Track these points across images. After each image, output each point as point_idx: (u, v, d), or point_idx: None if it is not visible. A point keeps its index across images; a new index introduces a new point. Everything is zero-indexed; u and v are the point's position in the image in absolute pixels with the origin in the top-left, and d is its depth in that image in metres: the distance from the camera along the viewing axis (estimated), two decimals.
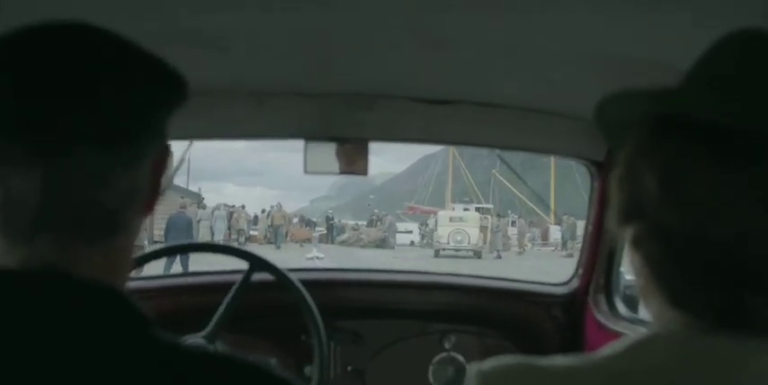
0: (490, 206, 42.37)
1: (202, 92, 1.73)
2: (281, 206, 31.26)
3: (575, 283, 2.35)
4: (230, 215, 26.50)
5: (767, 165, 0.66)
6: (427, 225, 36.23)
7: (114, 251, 0.72)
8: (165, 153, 0.76)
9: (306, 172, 1.98)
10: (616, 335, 1.95)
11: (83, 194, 0.68)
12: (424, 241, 34.60)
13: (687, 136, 0.69)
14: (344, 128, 1.98)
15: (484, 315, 2.34)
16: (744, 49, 0.69)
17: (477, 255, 27.84)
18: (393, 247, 30.97)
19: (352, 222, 41.24)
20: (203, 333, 1.86)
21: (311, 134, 1.98)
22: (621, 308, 2.17)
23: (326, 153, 1.98)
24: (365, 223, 39.91)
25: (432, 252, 28.74)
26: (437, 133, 2.07)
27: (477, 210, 36.96)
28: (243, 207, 30.09)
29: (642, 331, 0.75)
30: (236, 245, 11.99)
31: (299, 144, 2.01)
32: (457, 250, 28.11)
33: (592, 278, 2.25)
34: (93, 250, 0.69)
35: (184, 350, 0.72)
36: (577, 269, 2.36)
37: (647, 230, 0.71)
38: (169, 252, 2.32)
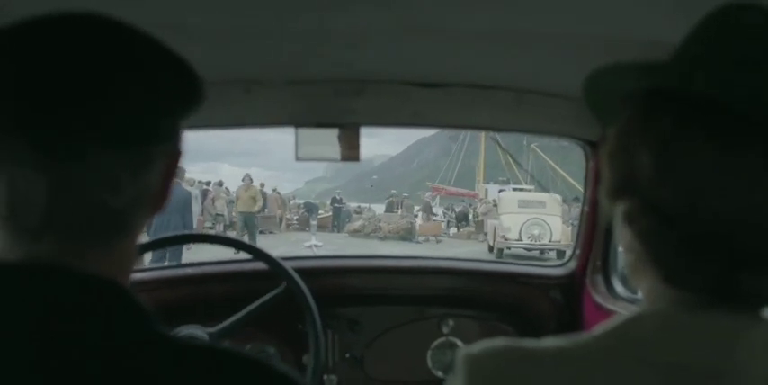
0: (531, 187, 33.22)
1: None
2: (270, 189, 24.11)
3: (572, 264, 2.34)
4: (204, 194, 19.98)
5: (762, 143, 0.65)
6: (453, 209, 30.10)
7: (118, 252, 0.71)
8: (177, 156, 0.74)
9: (297, 159, 1.96)
10: (614, 315, 1.95)
11: (92, 197, 0.67)
12: (460, 230, 27.29)
13: (681, 111, 0.68)
14: (335, 114, 1.96)
15: (481, 298, 2.34)
16: (735, 20, 0.68)
17: (562, 257, 16.50)
18: (420, 241, 23.35)
19: (353, 205, 35.44)
20: (211, 329, 1.86)
21: (301, 121, 1.96)
22: (619, 288, 2.17)
23: (318, 139, 1.96)
24: (368, 206, 33.73)
25: (481, 248, 20.95)
26: (429, 117, 2.05)
27: (515, 191, 28.76)
28: (220, 184, 22.91)
29: None
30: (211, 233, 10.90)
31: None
32: (530, 249, 18.89)
33: (589, 259, 2.25)
34: (97, 251, 0.69)
35: (184, 343, 0.72)
36: (574, 250, 2.35)
37: (641, 206, 0.70)
38: (174, 242, 2.31)
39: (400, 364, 2.30)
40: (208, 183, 22.30)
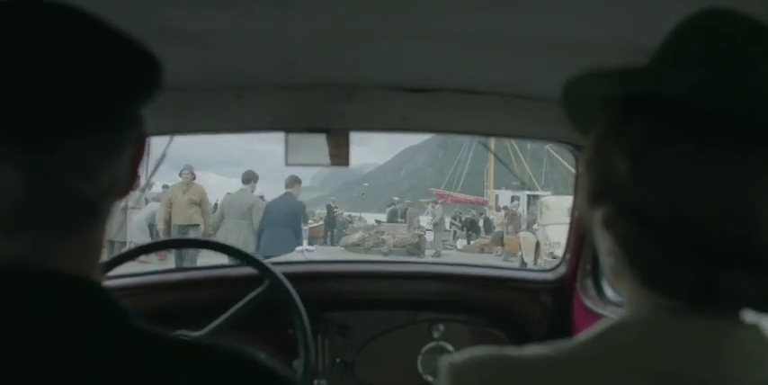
0: (547, 193, 30.55)
1: (180, 87, 1.71)
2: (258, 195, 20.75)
3: (562, 269, 2.35)
4: (171, 204, 16.17)
5: (739, 143, 0.66)
6: (461, 219, 27.46)
7: (87, 241, 0.71)
8: (143, 141, 0.74)
9: (287, 164, 1.96)
10: (604, 319, 1.95)
11: (64, 185, 0.66)
12: (470, 243, 24.33)
13: (656, 115, 0.69)
14: (324, 119, 1.96)
15: (472, 303, 2.34)
16: (710, 27, 0.68)
17: None
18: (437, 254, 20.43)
19: (345, 213, 32.71)
20: (197, 333, 1.85)
21: (291, 126, 1.96)
22: (609, 292, 2.17)
23: (307, 145, 1.96)
24: (358, 215, 32.02)
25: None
26: (418, 122, 2.05)
27: (531, 198, 27.72)
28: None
29: None
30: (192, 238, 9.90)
31: (283, 134, 1.99)
32: None
33: (579, 263, 2.25)
34: (66, 241, 0.68)
35: (167, 339, 0.71)
36: (564, 254, 2.36)
37: (619, 211, 0.70)
38: (162, 247, 2.31)
39: (391, 369, 2.29)
40: (165, 187, 17.18)
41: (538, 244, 16.09)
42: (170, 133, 2.02)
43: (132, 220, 13.01)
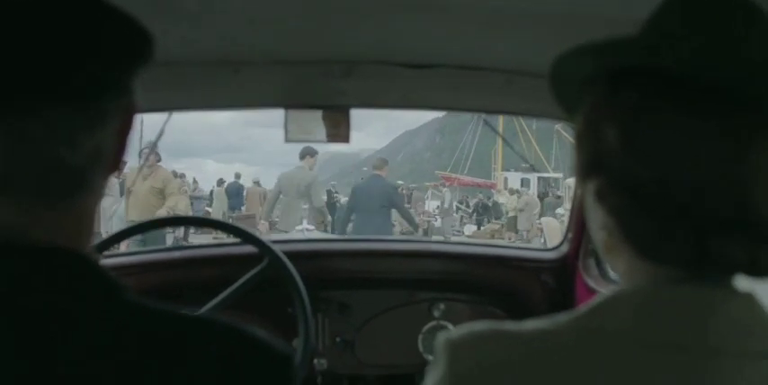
0: (559, 175, 29.31)
1: (178, 63, 1.69)
2: (253, 180, 19.34)
3: (564, 248, 2.34)
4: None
5: (730, 114, 0.67)
6: (468, 203, 26.43)
7: (77, 212, 0.70)
8: (131, 112, 0.73)
9: (287, 140, 1.95)
10: None
11: (48, 153, 0.65)
12: (481, 228, 22.90)
13: (646, 86, 0.70)
14: (324, 95, 1.94)
15: (473, 282, 2.33)
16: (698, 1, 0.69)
17: None
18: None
19: (344, 199, 31.97)
20: (199, 311, 1.84)
21: (290, 103, 1.95)
22: (611, 271, 2.16)
23: (307, 121, 1.95)
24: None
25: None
26: (420, 99, 2.04)
27: (542, 180, 26.99)
28: (181, 176, 16.33)
29: None
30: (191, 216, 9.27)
31: (280, 119, 1.97)
32: None
33: (581, 242, 2.24)
34: (54, 212, 0.68)
35: (160, 313, 0.70)
36: (567, 233, 2.35)
37: (611, 183, 0.71)
38: (165, 224, 2.30)
39: (391, 348, 2.29)
40: None
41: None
42: (167, 110, 2.00)
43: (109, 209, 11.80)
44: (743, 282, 0.71)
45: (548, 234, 15.65)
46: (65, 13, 0.66)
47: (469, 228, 23.11)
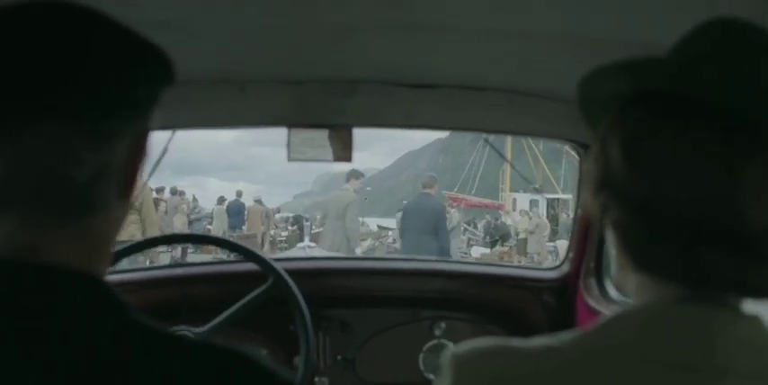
0: (568, 196, 27.55)
1: (183, 81, 1.70)
2: (254, 198, 18.89)
3: (565, 268, 2.34)
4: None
5: (728, 134, 0.69)
6: (476, 224, 25.85)
7: (89, 234, 0.69)
8: (143, 137, 0.73)
9: (289, 159, 1.95)
10: None
11: (51, 170, 0.65)
12: (492, 250, 21.47)
13: (651, 107, 0.74)
14: (326, 114, 1.95)
15: (474, 301, 2.33)
16: (720, 33, 0.72)
17: None
18: None
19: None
20: (199, 329, 1.84)
21: (294, 121, 1.96)
22: (613, 291, 2.16)
23: (310, 140, 1.95)
24: (361, 221, 27.41)
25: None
26: (422, 118, 2.05)
27: (551, 203, 25.89)
28: (177, 192, 16.96)
29: None
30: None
31: (284, 138, 1.97)
32: None
33: (582, 262, 2.24)
34: (64, 231, 0.67)
35: (167, 335, 0.70)
36: (568, 253, 2.35)
37: (614, 197, 0.74)
38: (166, 241, 2.31)
39: (392, 367, 2.28)
40: (159, 191, 15.36)
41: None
42: (171, 128, 2.01)
43: None
44: (750, 305, 0.72)
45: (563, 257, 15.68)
46: (74, 33, 0.67)
47: (477, 250, 22.10)
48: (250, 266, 1.99)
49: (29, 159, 0.65)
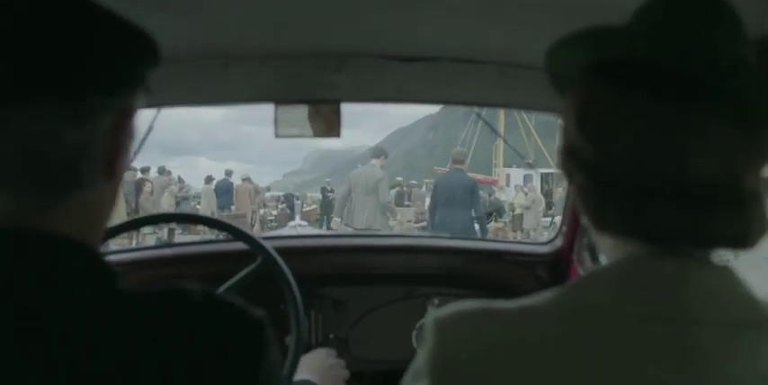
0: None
1: (166, 58, 1.67)
2: (242, 177, 18.24)
3: (559, 242, 2.33)
4: (138, 187, 14.50)
5: (681, 99, 0.72)
6: None
7: (79, 209, 0.73)
8: (127, 113, 0.76)
9: (277, 136, 1.92)
10: None
11: (32, 146, 0.68)
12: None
13: (605, 75, 0.76)
14: (315, 89, 1.93)
15: (467, 277, 2.33)
16: (674, 2, 0.75)
17: None
18: None
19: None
20: None
21: (281, 97, 1.93)
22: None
23: (298, 116, 1.93)
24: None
25: None
26: (413, 92, 2.02)
27: (545, 177, 25.71)
28: (164, 172, 16.91)
29: None
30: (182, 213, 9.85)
31: (272, 116, 1.95)
32: None
33: (576, 236, 2.23)
34: (52, 204, 0.71)
35: (147, 293, 0.73)
36: (561, 227, 2.34)
37: (574, 164, 0.79)
38: (156, 221, 2.29)
39: (385, 344, 2.28)
40: (145, 171, 15.06)
41: None
42: (156, 106, 1.97)
43: None
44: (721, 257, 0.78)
45: None
46: (55, 16, 0.69)
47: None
48: (239, 245, 1.97)
49: (12, 140, 0.67)
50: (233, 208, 17.15)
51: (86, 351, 0.66)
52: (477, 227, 8.12)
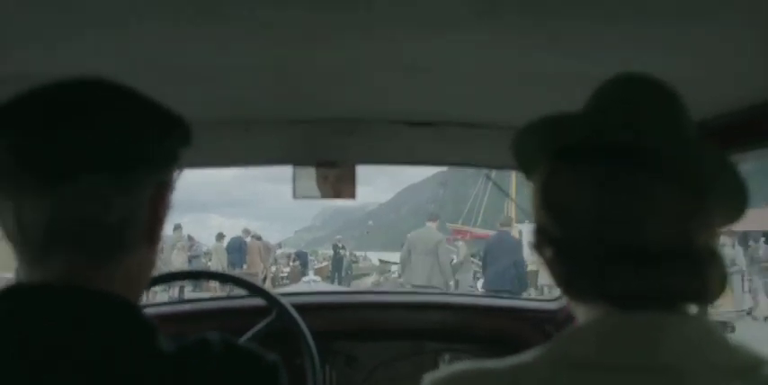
0: None
1: (189, 121, 1.74)
2: (251, 234, 17.65)
3: (565, 299, 2.34)
4: None
5: (630, 172, 0.78)
6: (480, 257, 23.40)
7: (123, 272, 0.81)
8: (165, 187, 0.85)
9: (295, 197, 1.99)
10: None
11: (86, 213, 0.77)
12: None
13: (561, 158, 0.83)
14: (330, 153, 1.99)
15: (477, 333, 2.34)
16: (622, 88, 0.84)
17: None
18: None
19: (359, 253, 31.08)
20: None
21: (298, 160, 1.99)
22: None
23: (314, 178, 1.99)
24: (363, 254, 29.98)
25: None
26: (423, 154, 2.08)
27: None
28: (178, 230, 16.26)
29: None
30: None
31: (286, 174, 2.02)
32: None
33: None
34: (100, 265, 0.79)
35: (190, 352, 0.80)
36: None
37: (543, 241, 0.84)
38: (171, 279, 2.33)
39: None
40: None
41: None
42: (179, 167, 2.04)
43: None
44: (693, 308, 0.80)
45: None
46: (100, 100, 0.80)
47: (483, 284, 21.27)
48: (253, 301, 2.01)
49: (69, 206, 0.76)
50: (245, 266, 16.79)
51: None
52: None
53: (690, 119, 0.84)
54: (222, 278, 2.23)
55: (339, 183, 2.00)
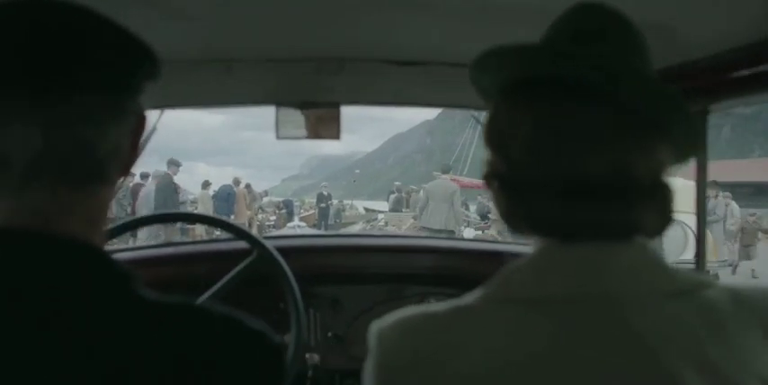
0: None
1: (171, 60, 1.70)
2: (233, 181, 17.14)
3: None
4: (134, 192, 13.79)
5: (577, 105, 0.77)
6: (467, 206, 23.31)
7: (95, 202, 0.76)
8: (143, 118, 0.81)
9: (278, 137, 1.96)
10: None
11: (80, 137, 0.73)
12: (484, 233, 19.95)
13: (506, 91, 0.83)
14: (315, 92, 1.96)
15: (463, 277, 2.34)
16: (581, 18, 0.83)
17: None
18: None
19: (346, 202, 30.45)
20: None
21: (281, 100, 1.96)
22: None
23: (298, 118, 1.97)
24: (350, 203, 30.11)
25: None
26: (410, 95, 2.05)
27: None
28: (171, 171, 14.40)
29: None
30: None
31: (271, 121, 2.00)
32: None
33: None
34: (77, 199, 0.74)
35: (166, 304, 0.75)
36: None
37: (487, 171, 0.84)
38: (155, 220, 2.32)
39: None
40: (144, 177, 14.62)
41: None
42: (159, 107, 2.00)
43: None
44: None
45: None
46: (83, 24, 0.74)
47: (470, 232, 20.69)
48: (240, 244, 2.00)
49: (61, 128, 0.72)
50: (232, 217, 16.36)
51: (103, 356, 0.67)
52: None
53: (646, 55, 0.83)
54: (205, 220, 2.20)
55: (323, 123, 1.97)
